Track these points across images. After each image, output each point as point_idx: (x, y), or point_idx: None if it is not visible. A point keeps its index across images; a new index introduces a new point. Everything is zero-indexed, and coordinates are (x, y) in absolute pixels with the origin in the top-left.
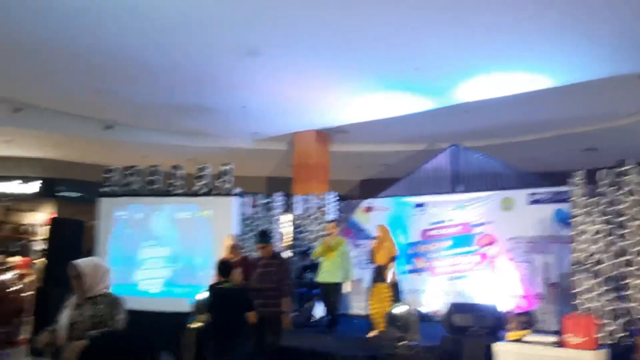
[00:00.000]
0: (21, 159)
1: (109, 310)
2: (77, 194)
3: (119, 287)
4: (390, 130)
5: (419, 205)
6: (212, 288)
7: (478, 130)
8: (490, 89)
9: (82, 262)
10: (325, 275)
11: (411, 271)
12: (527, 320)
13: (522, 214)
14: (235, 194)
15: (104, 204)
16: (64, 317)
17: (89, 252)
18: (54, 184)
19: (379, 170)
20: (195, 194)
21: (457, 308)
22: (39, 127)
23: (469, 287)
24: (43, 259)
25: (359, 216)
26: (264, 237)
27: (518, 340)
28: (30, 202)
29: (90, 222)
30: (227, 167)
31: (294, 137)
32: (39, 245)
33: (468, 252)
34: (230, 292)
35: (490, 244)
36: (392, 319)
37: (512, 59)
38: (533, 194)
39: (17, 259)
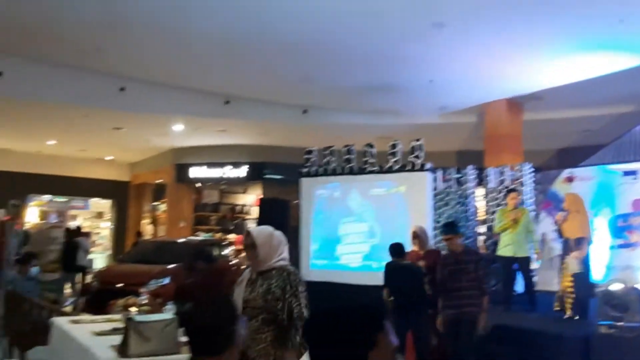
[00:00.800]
0: (232, 146)
1: (284, 285)
2: (280, 176)
3: (322, 260)
4: (591, 93)
5: (629, 172)
6: (388, 265)
7: None
8: None
9: (256, 231)
10: (507, 248)
11: (622, 246)
12: None
13: None
14: (428, 169)
15: (305, 183)
16: (237, 295)
17: (294, 229)
18: (261, 168)
19: (579, 137)
20: (389, 171)
21: None
22: (246, 117)
23: None
24: None
25: (559, 187)
26: (451, 228)
27: None
28: (241, 185)
29: (294, 201)
30: (418, 143)
31: (484, 108)
32: (251, 224)
33: None
34: (404, 268)
35: None
36: (606, 298)
37: None
38: None
39: (233, 236)
